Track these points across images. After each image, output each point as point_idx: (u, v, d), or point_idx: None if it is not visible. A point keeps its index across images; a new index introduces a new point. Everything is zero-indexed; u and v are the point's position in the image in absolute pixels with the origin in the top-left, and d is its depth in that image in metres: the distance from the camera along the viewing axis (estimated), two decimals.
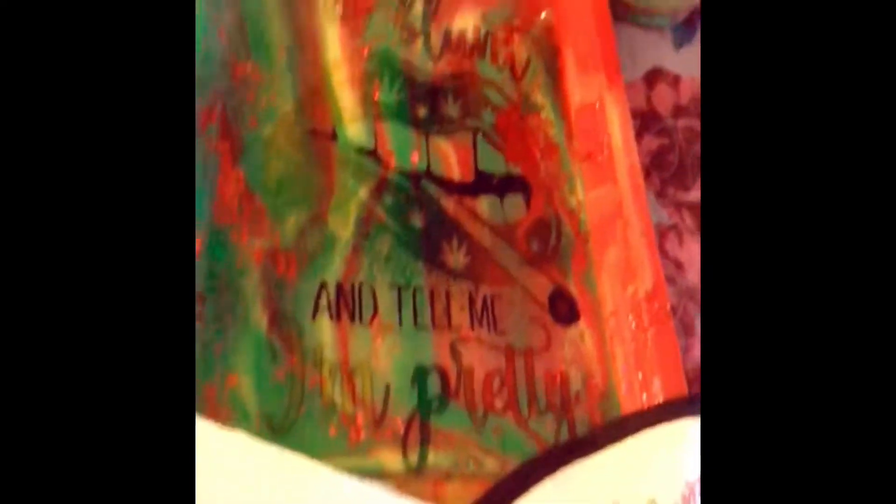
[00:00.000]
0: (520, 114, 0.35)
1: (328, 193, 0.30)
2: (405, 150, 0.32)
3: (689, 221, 0.36)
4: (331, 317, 0.28)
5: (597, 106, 0.36)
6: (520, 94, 0.36)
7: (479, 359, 0.29)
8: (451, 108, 0.34)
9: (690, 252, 0.36)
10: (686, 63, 0.41)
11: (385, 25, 0.35)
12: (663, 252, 0.35)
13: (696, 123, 0.39)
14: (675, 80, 0.40)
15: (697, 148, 0.38)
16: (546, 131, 0.35)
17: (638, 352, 0.31)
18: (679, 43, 0.42)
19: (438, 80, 0.35)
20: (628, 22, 0.41)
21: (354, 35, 0.34)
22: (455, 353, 0.29)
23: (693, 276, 0.35)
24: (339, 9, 0.34)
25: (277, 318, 0.27)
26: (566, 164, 0.35)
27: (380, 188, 0.31)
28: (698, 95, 0.40)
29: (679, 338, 0.34)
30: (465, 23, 0.37)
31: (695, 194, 0.37)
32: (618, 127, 0.35)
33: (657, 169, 0.37)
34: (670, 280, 0.35)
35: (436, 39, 0.36)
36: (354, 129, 0.32)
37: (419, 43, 0.35)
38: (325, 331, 0.28)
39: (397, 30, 0.35)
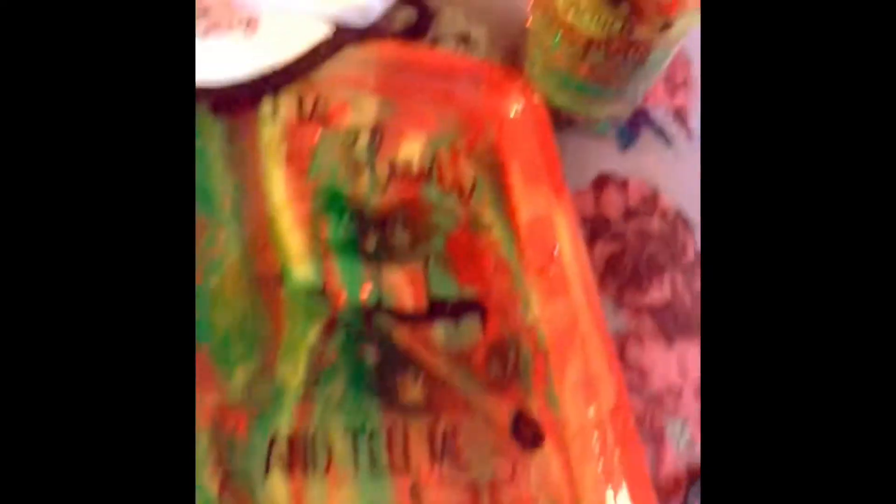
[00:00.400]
0: (470, 235, 0.36)
1: (276, 340, 0.30)
2: (355, 285, 0.33)
3: (649, 325, 0.36)
4: (284, 471, 0.27)
5: (545, 219, 0.36)
6: (468, 214, 0.36)
7: (442, 500, 0.28)
8: (401, 237, 0.35)
9: (653, 357, 0.35)
10: (633, 165, 0.42)
11: (330, 162, 0.36)
12: (625, 361, 0.35)
13: (647, 224, 0.39)
14: (623, 184, 0.41)
15: (651, 249, 0.38)
16: (497, 249, 0.36)
17: (606, 471, 0.30)
18: (624, 145, 0.43)
19: (386, 210, 0.35)
20: (572, 131, 0.42)
21: (300, 174, 0.35)
22: (416, 497, 0.28)
23: (658, 381, 0.35)
24: (283, 149, 0.35)
25: (229, 479, 0.27)
26: (519, 280, 0.35)
27: (330, 328, 0.31)
28: (648, 195, 0.41)
29: (648, 447, 0.33)
30: (411, 150, 0.38)
31: (652, 296, 0.37)
32: (567, 238, 0.35)
33: (612, 275, 0.37)
34: (635, 389, 0.34)
35: (382, 170, 0.36)
36: (303, 270, 0.32)
37: (365, 175, 0.36)
38: (278, 486, 0.27)
39: (342, 165, 0.36)
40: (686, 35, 0.36)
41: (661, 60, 0.37)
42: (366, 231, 0.34)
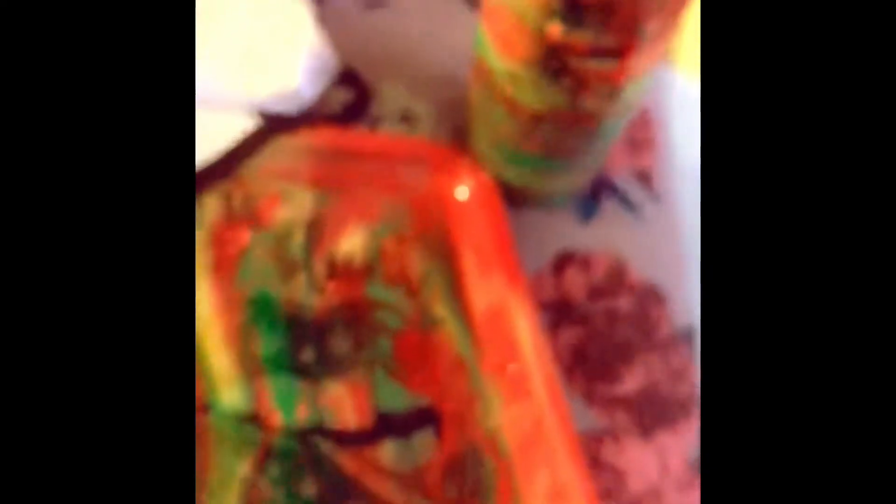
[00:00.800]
0: (420, 333, 0.33)
1: (203, 479, 0.27)
2: (290, 406, 0.29)
3: (624, 419, 0.33)
4: None
5: (501, 309, 0.33)
6: (418, 310, 0.33)
7: None
8: (342, 344, 0.31)
9: (630, 455, 0.32)
10: (596, 237, 0.39)
11: (261, 266, 0.33)
12: (599, 463, 0.32)
13: (615, 303, 0.36)
14: (586, 260, 0.38)
15: (621, 331, 0.35)
16: (451, 346, 0.33)
17: None
18: (586, 217, 0.40)
19: (325, 315, 0.32)
20: (528, 207, 0.39)
21: (227, 283, 0.32)
22: None
23: (636, 482, 0.31)
24: (209, 256, 0.32)
25: None
26: (477, 380, 0.32)
27: (263, 458, 0.28)
28: (614, 270, 0.38)
29: None
30: (352, 244, 0.35)
31: (625, 385, 0.34)
32: (525, 329, 0.32)
33: (579, 365, 0.34)
34: (612, 494, 0.31)
35: (320, 269, 0.33)
36: (231, 395, 0.29)
37: (301, 277, 0.33)
38: None
39: (274, 267, 0.33)
40: (642, 97, 0.34)
41: (616, 127, 0.35)
42: (302, 341, 0.31)
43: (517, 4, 0.29)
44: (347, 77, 0.41)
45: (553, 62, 0.31)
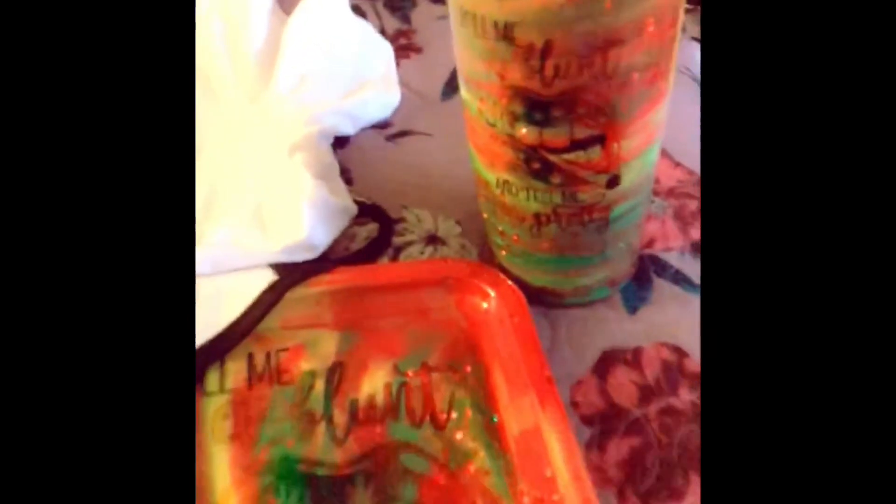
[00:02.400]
0: (448, 473, 0.30)
1: None
2: None
3: None
4: None
5: (534, 434, 0.30)
6: (446, 445, 0.31)
7: None
8: (363, 500, 0.29)
9: None
10: (647, 328, 0.35)
11: (281, 424, 0.32)
12: None
13: (676, 400, 0.32)
14: (636, 356, 0.33)
15: (684, 432, 0.30)
16: (484, 483, 0.29)
17: None
18: (633, 307, 0.36)
19: (346, 468, 0.30)
20: (564, 306, 0.36)
21: (246, 449, 0.31)
22: None
23: None
24: (228, 426, 0.32)
25: None
26: None
27: None
28: (670, 363, 0.33)
29: None
30: (374, 384, 0.33)
31: (689, 500, 0.28)
32: (560, 456, 0.28)
33: (633, 481, 0.29)
34: None
35: (340, 417, 0.32)
36: None
37: (321, 429, 0.32)
38: None
39: (294, 423, 0.32)
40: (647, 176, 0.31)
41: (632, 210, 0.31)
42: (322, 501, 0.29)
43: (488, 116, 0.28)
44: (370, 211, 0.41)
45: (535, 164, 0.29)
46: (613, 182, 0.29)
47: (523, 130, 0.27)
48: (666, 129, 0.29)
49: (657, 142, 0.29)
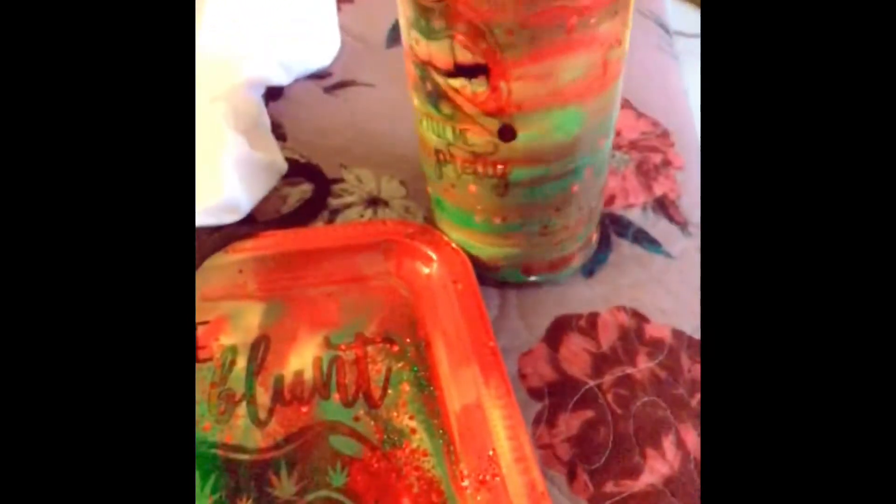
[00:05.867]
0: (382, 455, 0.27)
1: None
2: None
3: None
4: None
5: (477, 411, 0.27)
6: (380, 425, 0.27)
7: None
8: (286, 487, 0.26)
9: None
10: (604, 291, 0.32)
11: (197, 406, 0.28)
12: None
13: (633, 369, 0.29)
14: (591, 322, 0.30)
15: (641, 404, 0.28)
16: (421, 464, 0.26)
17: None
18: (590, 270, 0.33)
19: (267, 454, 0.27)
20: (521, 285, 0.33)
21: None
22: None
23: None
24: None
25: None
26: (453, 503, 0.25)
27: None
28: (629, 328, 0.30)
29: None
30: (303, 359, 0.30)
31: (647, 477, 0.26)
32: (504, 433, 0.25)
33: (584, 458, 0.26)
34: None
35: (263, 397, 0.29)
36: None
37: (241, 410, 0.28)
38: None
39: (212, 405, 0.28)
40: (580, 148, 0.27)
41: (544, 183, 0.27)
42: (239, 491, 0.26)
43: (401, 22, 0.26)
44: (304, 170, 0.38)
45: (428, 85, 0.26)
46: (506, 133, 0.26)
47: (415, 41, 0.25)
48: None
49: (579, 108, 0.25)
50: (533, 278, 0.31)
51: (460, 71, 0.24)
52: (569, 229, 0.30)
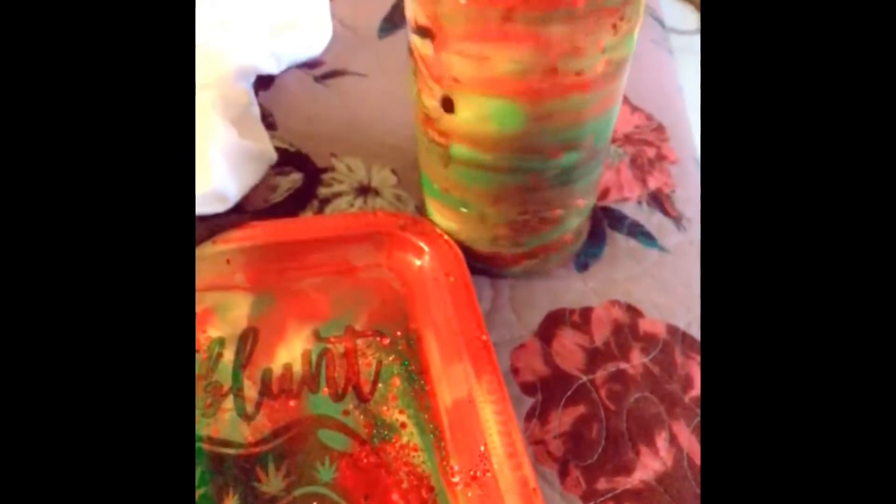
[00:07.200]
0: (371, 450, 0.26)
1: None
2: None
3: None
4: None
5: (468, 406, 0.26)
6: (370, 420, 0.27)
7: None
8: (273, 482, 0.26)
9: None
10: (597, 285, 0.31)
11: None
12: None
13: (627, 364, 0.28)
14: (585, 316, 0.30)
15: (634, 400, 0.27)
16: (411, 460, 0.26)
17: None
18: (583, 264, 0.33)
19: (254, 448, 0.26)
20: (512, 277, 0.32)
21: None
22: None
23: None
24: None
25: None
26: (443, 498, 0.25)
27: None
28: (623, 322, 0.30)
29: None
30: (292, 352, 0.29)
31: (640, 474, 0.25)
32: (495, 429, 0.25)
33: (577, 454, 0.26)
34: None
35: (251, 390, 0.28)
36: None
37: (228, 403, 0.28)
38: None
39: (199, 398, 0.28)
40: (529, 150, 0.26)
41: (484, 169, 0.27)
42: (225, 487, 0.25)
43: None
44: (294, 159, 0.37)
45: (409, 45, 0.26)
46: (447, 104, 0.26)
47: None
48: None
49: (515, 104, 0.24)
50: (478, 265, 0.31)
51: (417, 29, 0.24)
52: (507, 227, 0.29)
